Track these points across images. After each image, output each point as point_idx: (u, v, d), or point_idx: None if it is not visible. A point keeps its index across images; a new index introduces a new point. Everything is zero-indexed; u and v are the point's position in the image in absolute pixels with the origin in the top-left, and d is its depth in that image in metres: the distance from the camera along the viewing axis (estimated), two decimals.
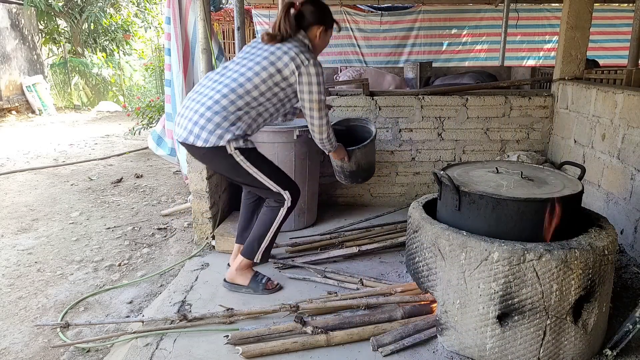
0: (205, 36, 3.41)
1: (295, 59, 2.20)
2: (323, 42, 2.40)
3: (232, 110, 2.17)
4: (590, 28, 3.59)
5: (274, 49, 2.24)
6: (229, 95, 2.17)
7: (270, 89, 2.22)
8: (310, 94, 2.24)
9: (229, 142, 2.16)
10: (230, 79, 2.22)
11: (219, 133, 2.14)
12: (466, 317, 1.86)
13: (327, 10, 2.38)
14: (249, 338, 2.03)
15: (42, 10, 11.29)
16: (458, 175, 2.08)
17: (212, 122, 2.15)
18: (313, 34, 2.34)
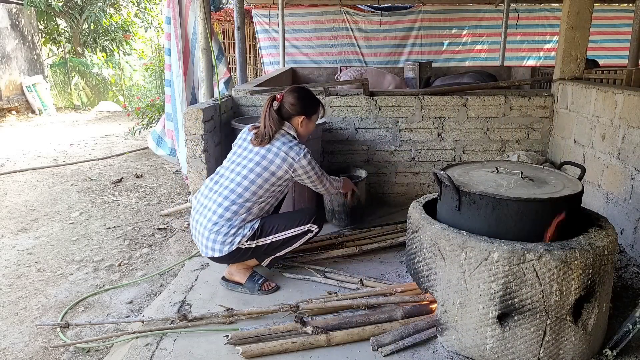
0: (205, 36, 3.41)
1: (286, 159, 2.38)
2: (307, 129, 2.57)
3: (236, 219, 2.35)
4: (590, 28, 3.59)
5: (264, 151, 2.40)
6: (231, 207, 2.35)
7: (268, 190, 2.40)
8: (310, 179, 2.49)
9: (240, 243, 2.35)
10: (228, 190, 2.38)
11: (229, 240, 2.35)
12: (466, 317, 1.86)
13: (307, 100, 2.53)
14: (249, 338, 2.03)
15: (42, 10, 11.29)
16: (458, 175, 2.08)
17: (220, 234, 2.35)
18: (296, 123, 2.51)
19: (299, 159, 2.39)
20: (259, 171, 2.37)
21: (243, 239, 2.35)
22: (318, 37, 8.92)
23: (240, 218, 2.36)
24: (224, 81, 4.18)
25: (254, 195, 2.37)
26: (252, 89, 3.91)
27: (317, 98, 2.62)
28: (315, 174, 2.48)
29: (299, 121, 2.50)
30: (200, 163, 2.98)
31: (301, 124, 2.51)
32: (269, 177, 2.38)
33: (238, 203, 2.35)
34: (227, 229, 2.34)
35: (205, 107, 3.03)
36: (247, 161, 2.40)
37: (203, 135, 2.94)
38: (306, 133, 2.59)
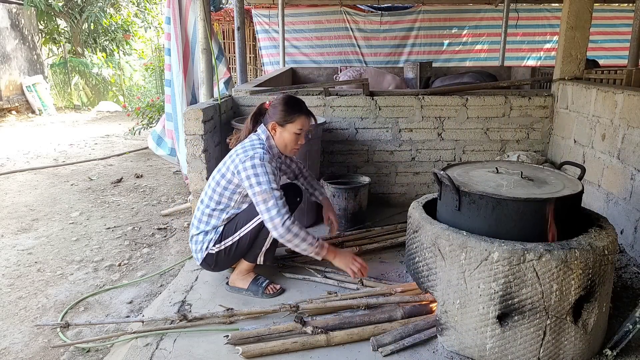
0: (205, 36, 3.41)
1: (234, 160, 2.30)
2: (281, 138, 2.40)
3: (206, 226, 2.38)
4: (590, 28, 3.59)
5: (227, 158, 2.38)
6: (202, 217, 2.40)
7: (225, 196, 2.35)
8: (251, 188, 2.22)
9: (209, 248, 2.38)
10: (201, 198, 2.44)
11: (200, 247, 2.41)
12: (466, 317, 1.86)
13: (286, 107, 2.38)
14: (249, 338, 2.03)
15: (42, 10, 11.29)
16: (458, 175, 2.08)
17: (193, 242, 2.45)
18: (269, 128, 2.41)
19: (245, 159, 2.24)
20: (217, 177, 2.36)
21: (210, 244, 2.37)
22: (318, 37, 8.92)
23: (210, 225, 2.38)
24: (224, 81, 4.17)
25: (218, 204, 2.36)
26: (252, 89, 3.91)
27: (303, 110, 2.41)
28: (257, 184, 2.19)
29: (270, 127, 2.39)
30: (200, 163, 2.98)
31: (273, 131, 2.39)
32: (221, 180, 2.34)
33: (206, 213, 2.38)
34: (196, 238, 2.42)
35: (205, 107, 3.03)
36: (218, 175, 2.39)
37: (203, 135, 2.94)
38: (281, 143, 2.41)
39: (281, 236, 2.19)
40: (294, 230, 2.19)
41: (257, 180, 2.21)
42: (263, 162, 2.25)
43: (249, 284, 2.48)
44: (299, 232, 2.20)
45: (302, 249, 2.23)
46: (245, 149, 2.32)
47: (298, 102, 2.44)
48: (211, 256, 2.40)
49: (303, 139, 2.45)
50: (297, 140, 2.42)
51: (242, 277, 2.49)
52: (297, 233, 2.20)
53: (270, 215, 2.18)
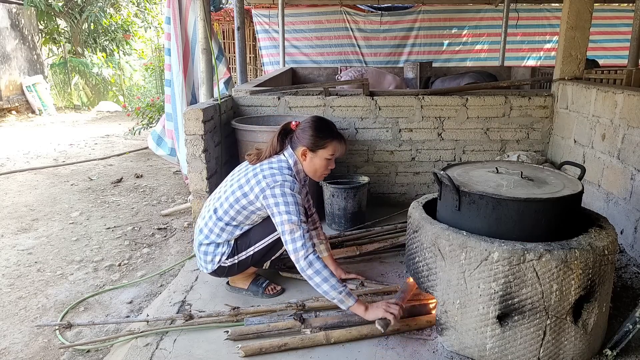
0: (205, 36, 3.41)
1: (260, 182, 2.17)
2: (312, 164, 2.27)
3: (216, 239, 2.31)
4: (590, 28, 3.59)
5: (249, 170, 2.26)
6: (213, 228, 2.30)
7: (242, 214, 2.27)
8: (279, 215, 2.10)
9: (221, 262, 2.33)
10: (212, 211, 2.32)
11: (210, 259, 2.34)
12: (466, 317, 1.86)
13: (318, 131, 2.24)
14: (248, 334, 2.04)
15: (42, 10, 11.29)
16: (458, 175, 2.08)
17: (201, 252, 2.36)
18: (298, 154, 2.28)
19: (274, 185, 2.13)
20: (238, 194, 2.23)
21: (222, 257, 2.32)
22: (318, 37, 8.93)
23: (222, 238, 2.31)
24: (224, 81, 4.17)
25: (232, 220, 2.28)
26: (252, 89, 3.91)
27: (334, 134, 2.27)
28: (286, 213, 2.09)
29: (299, 152, 2.26)
30: (200, 163, 2.98)
31: (303, 156, 2.26)
32: (240, 197, 2.22)
33: (219, 226, 2.29)
34: (206, 248, 2.34)
35: (205, 107, 3.03)
36: (235, 181, 2.29)
37: (203, 135, 2.94)
38: (311, 168, 2.28)
39: (303, 270, 2.06)
40: (316, 266, 2.04)
41: (286, 209, 2.10)
42: (293, 192, 2.14)
43: (249, 284, 2.47)
44: (321, 270, 2.03)
45: (323, 290, 2.02)
46: (273, 174, 2.17)
47: (329, 126, 2.30)
48: (223, 269, 2.36)
49: (334, 164, 2.33)
50: (328, 166, 2.30)
51: (243, 277, 2.49)
52: (319, 270, 2.03)
53: (295, 247, 2.06)
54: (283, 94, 3.78)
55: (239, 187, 2.24)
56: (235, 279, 2.50)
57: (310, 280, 2.05)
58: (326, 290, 2.02)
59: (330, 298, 2.04)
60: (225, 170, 3.39)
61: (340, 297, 2.02)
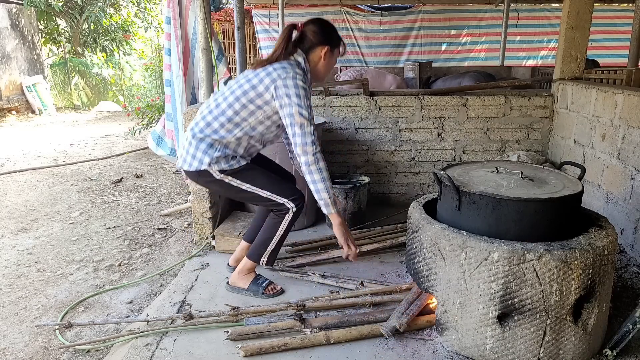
0: (205, 36, 3.41)
1: (271, 74, 2.13)
2: (329, 64, 2.27)
3: (209, 134, 2.23)
4: (591, 27, 3.59)
5: (260, 71, 2.19)
6: (212, 122, 2.23)
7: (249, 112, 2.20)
8: (289, 107, 2.09)
9: (209, 165, 2.22)
10: (215, 104, 2.26)
11: (199, 157, 2.23)
12: (466, 317, 1.86)
13: (332, 29, 2.28)
14: (248, 334, 2.04)
15: (42, 10, 11.29)
16: (458, 175, 2.08)
17: (192, 146, 2.25)
18: (317, 56, 2.25)
19: (286, 76, 2.08)
20: (246, 88, 2.17)
21: (212, 163, 2.20)
22: None
23: (218, 135, 2.21)
24: (224, 81, 4.17)
25: (235, 115, 2.19)
26: None
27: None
28: (296, 105, 2.06)
29: (321, 52, 2.22)
30: None
31: (324, 56, 2.22)
32: (253, 96, 2.15)
33: (219, 120, 2.20)
34: (197, 142, 2.22)
35: None
36: (243, 81, 2.21)
37: None
38: (326, 70, 2.28)
39: (308, 164, 2.08)
40: (321, 165, 2.09)
41: (297, 102, 2.06)
42: (305, 86, 2.11)
43: (249, 284, 2.47)
44: (323, 170, 2.10)
45: (320, 188, 2.10)
46: (284, 67, 2.11)
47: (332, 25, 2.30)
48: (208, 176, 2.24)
49: None
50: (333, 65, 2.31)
51: (243, 277, 2.48)
52: (321, 169, 2.09)
53: (305, 141, 2.07)
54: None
55: (247, 81, 2.18)
56: (236, 279, 2.49)
57: (311, 176, 2.10)
58: (321, 189, 2.09)
59: (320, 198, 2.12)
60: None
61: (329, 201, 2.11)
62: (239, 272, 2.49)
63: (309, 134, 2.09)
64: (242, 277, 2.48)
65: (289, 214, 2.34)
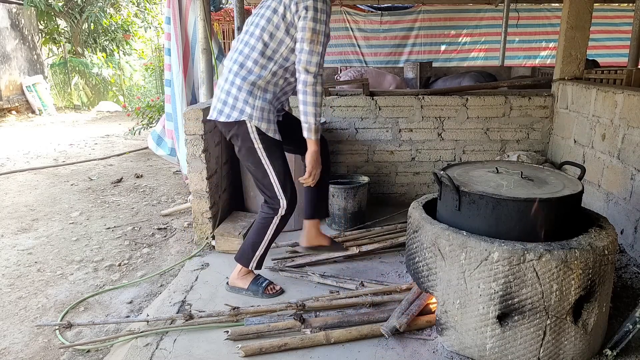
0: (205, 36, 3.41)
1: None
2: None
3: (245, 75, 2.16)
4: (591, 27, 3.59)
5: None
6: (245, 62, 2.16)
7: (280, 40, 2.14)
8: (305, 20, 2.05)
9: (250, 117, 2.16)
10: (243, 43, 2.20)
11: (239, 107, 2.16)
12: (466, 317, 1.86)
13: None
14: (248, 334, 2.04)
15: (42, 10, 11.28)
16: (458, 175, 2.08)
17: (230, 96, 2.17)
18: None
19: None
20: (268, 15, 2.13)
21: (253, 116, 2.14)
22: None
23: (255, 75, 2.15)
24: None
25: (265, 47, 2.13)
26: None
27: None
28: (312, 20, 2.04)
29: None
30: (200, 163, 2.98)
31: None
32: (277, 20, 2.10)
33: (252, 57, 2.15)
34: (237, 91, 2.16)
35: (205, 107, 3.02)
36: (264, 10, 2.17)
37: (203, 135, 2.94)
38: None
39: (306, 83, 2.07)
40: (318, 89, 2.09)
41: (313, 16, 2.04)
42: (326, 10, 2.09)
43: (249, 284, 2.47)
44: (319, 94, 2.09)
45: (308, 111, 2.09)
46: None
47: None
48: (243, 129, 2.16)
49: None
50: None
51: (242, 277, 2.48)
52: (318, 93, 2.09)
53: (310, 59, 2.06)
54: None
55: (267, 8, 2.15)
56: (235, 279, 2.49)
57: (304, 96, 2.09)
58: (310, 112, 2.09)
59: (306, 121, 2.11)
60: (225, 170, 3.40)
61: (313, 127, 2.12)
62: (238, 273, 2.48)
63: (316, 54, 2.07)
64: (241, 277, 2.48)
65: (277, 217, 2.35)
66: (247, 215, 3.29)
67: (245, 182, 3.37)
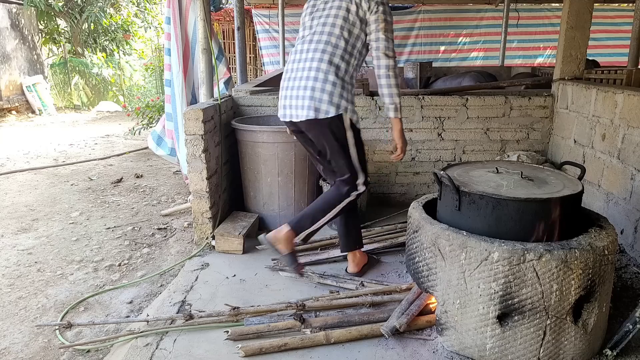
0: (205, 36, 3.41)
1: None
2: None
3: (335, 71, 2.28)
4: (592, 26, 3.59)
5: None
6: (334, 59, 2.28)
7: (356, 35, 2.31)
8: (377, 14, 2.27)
9: (346, 110, 2.30)
10: (323, 42, 2.30)
11: (336, 101, 2.28)
12: (466, 317, 1.86)
13: None
14: (248, 334, 2.04)
15: (42, 10, 11.28)
16: (458, 175, 2.08)
17: (326, 92, 2.27)
18: None
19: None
20: (342, 14, 2.29)
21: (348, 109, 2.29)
22: None
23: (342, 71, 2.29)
24: (224, 81, 4.17)
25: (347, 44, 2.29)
26: (252, 89, 3.91)
27: None
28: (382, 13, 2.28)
29: None
30: (200, 163, 2.98)
31: None
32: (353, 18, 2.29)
33: (338, 55, 2.28)
34: (332, 87, 2.26)
35: (205, 107, 3.02)
36: (334, 11, 2.32)
37: (203, 135, 2.94)
38: None
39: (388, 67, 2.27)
40: (397, 71, 2.31)
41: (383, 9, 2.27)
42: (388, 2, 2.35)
43: (288, 253, 2.38)
44: (398, 76, 2.30)
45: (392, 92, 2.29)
46: None
47: None
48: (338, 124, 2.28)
49: None
50: None
51: (285, 241, 2.36)
52: (397, 75, 2.30)
53: (388, 45, 2.28)
54: None
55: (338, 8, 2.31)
56: (277, 238, 2.37)
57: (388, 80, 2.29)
58: (394, 93, 2.29)
59: (392, 102, 2.31)
60: (225, 170, 3.40)
61: (398, 106, 2.32)
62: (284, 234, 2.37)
63: (391, 40, 2.31)
64: (284, 239, 2.36)
65: (355, 192, 2.41)
66: (247, 215, 3.29)
67: (245, 182, 3.37)
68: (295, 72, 2.34)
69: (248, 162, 3.28)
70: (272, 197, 3.27)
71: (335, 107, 2.26)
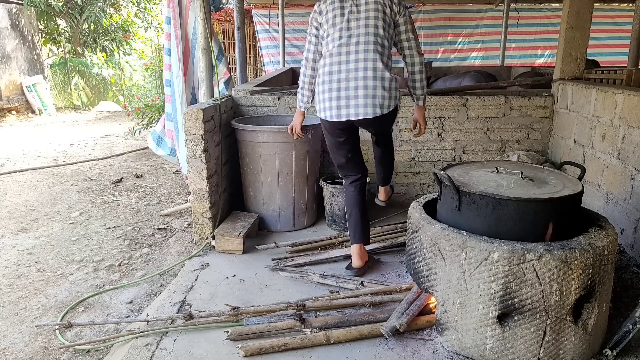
0: (205, 36, 3.41)
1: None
2: None
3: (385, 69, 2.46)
4: (592, 26, 3.59)
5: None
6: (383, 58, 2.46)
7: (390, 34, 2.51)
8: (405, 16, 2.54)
9: (397, 101, 2.54)
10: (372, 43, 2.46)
11: (394, 95, 2.50)
12: (466, 317, 1.86)
13: None
14: (248, 334, 2.04)
15: (42, 10, 11.28)
16: (458, 175, 2.08)
17: (386, 89, 2.46)
18: None
19: None
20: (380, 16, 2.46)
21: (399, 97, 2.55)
22: None
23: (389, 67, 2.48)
24: (224, 81, 4.17)
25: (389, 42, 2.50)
26: (252, 89, 3.91)
27: None
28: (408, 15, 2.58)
29: None
30: (200, 163, 2.98)
31: None
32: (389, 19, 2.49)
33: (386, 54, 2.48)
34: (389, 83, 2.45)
35: (205, 107, 3.02)
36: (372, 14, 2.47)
37: (203, 135, 2.94)
38: None
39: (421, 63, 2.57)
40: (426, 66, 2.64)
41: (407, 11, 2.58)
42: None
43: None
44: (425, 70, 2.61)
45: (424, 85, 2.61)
46: None
47: None
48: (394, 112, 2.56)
49: None
50: None
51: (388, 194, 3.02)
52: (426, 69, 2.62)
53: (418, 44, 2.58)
54: (283, 94, 3.78)
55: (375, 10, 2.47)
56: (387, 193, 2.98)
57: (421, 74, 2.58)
58: (425, 85, 2.62)
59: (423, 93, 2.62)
60: (225, 170, 3.40)
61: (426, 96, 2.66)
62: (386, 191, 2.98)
63: (418, 39, 2.60)
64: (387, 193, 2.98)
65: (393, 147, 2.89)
66: (247, 215, 3.29)
67: (245, 182, 3.38)
68: (347, 72, 2.45)
69: (248, 162, 3.28)
70: (272, 197, 3.27)
71: (395, 101, 2.51)
